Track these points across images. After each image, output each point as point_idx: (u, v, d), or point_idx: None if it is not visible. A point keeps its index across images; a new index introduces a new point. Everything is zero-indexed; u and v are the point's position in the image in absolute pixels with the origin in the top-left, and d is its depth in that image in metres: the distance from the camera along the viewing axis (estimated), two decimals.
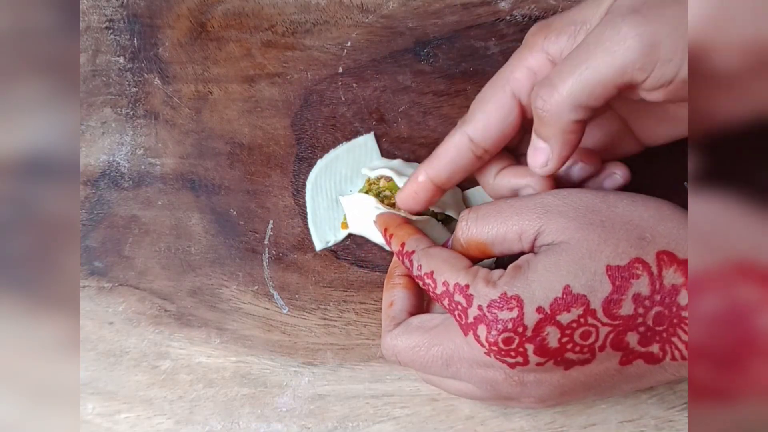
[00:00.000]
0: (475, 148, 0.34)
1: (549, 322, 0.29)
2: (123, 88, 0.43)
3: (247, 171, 0.42)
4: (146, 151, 0.42)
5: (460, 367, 0.32)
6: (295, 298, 0.40)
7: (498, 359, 0.30)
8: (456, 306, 0.31)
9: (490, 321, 0.30)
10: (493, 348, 0.30)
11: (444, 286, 0.32)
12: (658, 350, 0.30)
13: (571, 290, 0.29)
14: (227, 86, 0.43)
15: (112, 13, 0.43)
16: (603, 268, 0.29)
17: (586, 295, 0.29)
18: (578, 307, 0.29)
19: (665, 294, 0.29)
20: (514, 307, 0.29)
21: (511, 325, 0.29)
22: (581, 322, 0.29)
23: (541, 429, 0.38)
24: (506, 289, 0.30)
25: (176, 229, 0.41)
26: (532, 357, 0.30)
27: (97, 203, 0.42)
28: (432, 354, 0.32)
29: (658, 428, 0.38)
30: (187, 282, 0.41)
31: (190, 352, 0.40)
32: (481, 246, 0.32)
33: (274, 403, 0.39)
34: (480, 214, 0.32)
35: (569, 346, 0.29)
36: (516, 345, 0.29)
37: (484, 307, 0.30)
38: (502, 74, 0.34)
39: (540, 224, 0.30)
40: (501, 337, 0.29)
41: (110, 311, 0.41)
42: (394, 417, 0.39)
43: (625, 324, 0.29)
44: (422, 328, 0.33)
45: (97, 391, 0.39)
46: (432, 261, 0.33)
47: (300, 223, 0.41)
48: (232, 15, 0.43)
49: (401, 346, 0.33)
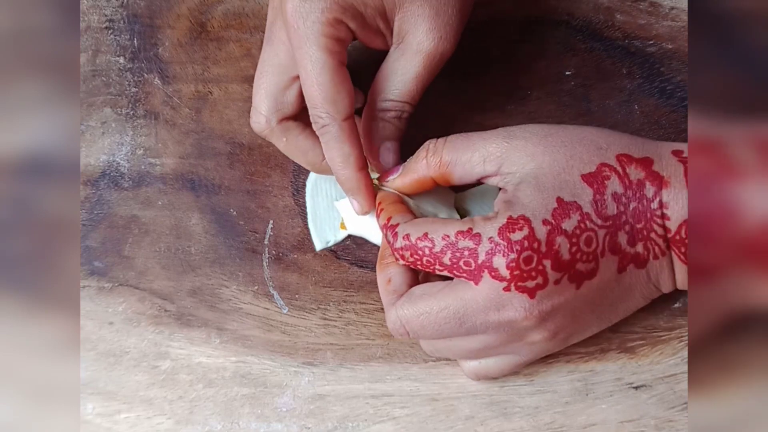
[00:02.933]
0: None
1: (557, 231, 0.31)
2: (123, 88, 0.43)
3: (247, 171, 0.42)
4: (146, 151, 0.42)
5: (475, 319, 0.32)
6: (295, 298, 0.40)
7: (519, 288, 0.31)
8: (461, 254, 0.32)
9: (505, 247, 0.31)
10: (515, 273, 0.31)
11: (444, 239, 0.32)
12: (642, 249, 0.32)
13: (563, 200, 0.31)
14: (227, 86, 0.43)
15: (112, 13, 0.43)
16: (578, 178, 0.32)
17: (576, 201, 0.31)
18: (575, 212, 0.31)
19: (635, 188, 0.32)
20: (523, 225, 0.31)
21: (527, 243, 0.31)
22: (582, 227, 0.31)
23: (541, 429, 0.38)
24: (510, 213, 0.31)
25: (176, 229, 0.41)
26: (551, 273, 0.31)
27: (97, 203, 0.42)
28: (443, 316, 0.33)
29: (658, 428, 0.38)
30: (187, 282, 0.41)
31: (190, 352, 0.40)
32: (444, 167, 0.34)
33: (274, 403, 0.39)
34: (448, 140, 0.34)
35: (578, 255, 0.31)
36: (535, 263, 0.31)
37: (495, 237, 0.31)
38: None
39: (506, 148, 0.33)
40: (522, 257, 0.31)
41: (110, 311, 0.41)
42: (394, 417, 0.39)
43: (614, 223, 0.32)
44: (426, 294, 0.33)
45: (97, 391, 0.39)
46: (420, 225, 0.33)
47: (300, 223, 0.41)
48: (232, 15, 0.43)
49: (409, 315, 0.33)
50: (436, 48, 0.35)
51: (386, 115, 0.37)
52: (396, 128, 0.37)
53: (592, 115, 0.42)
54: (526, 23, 0.43)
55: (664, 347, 0.39)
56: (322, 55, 0.33)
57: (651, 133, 0.41)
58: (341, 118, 0.34)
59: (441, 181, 0.35)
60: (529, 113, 0.42)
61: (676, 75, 0.42)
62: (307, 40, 0.33)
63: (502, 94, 0.42)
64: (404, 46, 0.36)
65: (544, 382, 0.39)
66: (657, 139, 0.34)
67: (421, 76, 0.36)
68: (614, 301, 0.34)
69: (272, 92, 0.37)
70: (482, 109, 0.42)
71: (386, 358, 0.40)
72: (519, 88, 0.42)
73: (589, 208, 0.31)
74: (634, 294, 0.34)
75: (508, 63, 0.42)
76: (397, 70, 0.36)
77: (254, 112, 0.37)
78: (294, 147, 0.38)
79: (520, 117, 0.42)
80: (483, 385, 0.39)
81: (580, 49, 0.43)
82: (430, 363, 0.39)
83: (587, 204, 0.31)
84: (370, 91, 0.37)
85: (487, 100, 0.42)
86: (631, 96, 0.42)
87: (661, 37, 0.42)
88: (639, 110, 0.42)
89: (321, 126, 0.35)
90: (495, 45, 0.42)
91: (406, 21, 0.35)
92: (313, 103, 0.34)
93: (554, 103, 0.42)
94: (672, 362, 0.39)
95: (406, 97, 0.36)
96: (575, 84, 0.42)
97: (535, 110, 0.42)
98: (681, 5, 0.43)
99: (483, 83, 0.41)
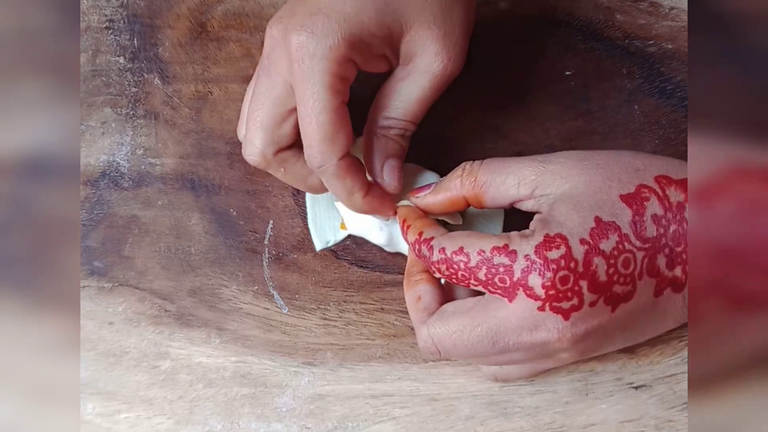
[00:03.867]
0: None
1: (594, 252, 0.30)
2: (123, 88, 0.43)
3: (247, 171, 0.42)
4: (146, 151, 0.42)
5: (508, 339, 0.32)
6: (295, 298, 0.40)
7: (553, 309, 0.30)
8: (496, 270, 0.31)
9: (541, 265, 0.30)
10: (551, 293, 0.30)
11: (480, 254, 0.31)
12: (681, 273, 0.31)
13: (601, 219, 0.31)
14: (227, 86, 0.43)
15: (112, 13, 0.43)
16: (617, 197, 0.31)
17: (615, 221, 0.31)
18: (613, 232, 0.30)
19: (675, 211, 0.31)
20: (560, 244, 0.30)
21: (564, 262, 0.30)
22: (620, 248, 0.30)
23: (541, 429, 0.38)
24: (547, 231, 0.31)
25: (176, 229, 0.41)
26: (587, 295, 0.30)
27: (97, 203, 0.42)
28: (476, 335, 0.32)
29: (658, 428, 0.38)
30: (187, 282, 0.41)
31: (190, 352, 0.40)
32: (477, 188, 0.34)
33: (274, 403, 0.39)
34: (484, 162, 0.34)
35: (615, 277, 0.30)
36: (571, 283, 0.30)
37: (531, 254, 0.30)
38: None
39: (540, 172, 0.32)
40: (558, 276, 0.30)
41: (110, 311, 0.41)
42: (394, 417, 0.39)
43: (653, 245, 0.31)
44: (458, 312, 0.33)
45: (97, 391, 0.39)
46: (456, 239, 0.33)
47: (300, 223, 0.41)
48: (232, 15, 0.43)
49: (441, 334, 0.33)
50: (445, 70, 0.35)
51: (389, 132, 0.36)
52: (399, 146, 0.36)
53: (592, 115, 0.42)
54: (526, 23, 0.43)
55: (664, 347, 0.39)
56: (325, 95, 0.32)
57: (651, 133, 0.41)
58: (337, 157, 0.33)
59: (473, 202, 0.34)
60: (529, 113, 0.42)
61: (676, 75, 0.42)
62: (312, 77, 0.32)
63: (502, 94, 0.42)
64: (411, 67, 0.35)
65: (544, 382, 0.39)
66: (657, 139, 0.34)
67: (427, 98, 0.35)
68: (646, 324, 0.33)
69: (268, 126, 0.35)
70: (482, 109, 0.42)
71: (386, 358, 0.40)
72: (519, 88, 0.42)
73: (628, 229, 0.31)
74: (666, 318, 0.33)
75: (508, 63, 0.42)
76: (402, 90, 0.35)
77: (248, 145, 0.36)
78: (292, 175, 0.37)
79: (520, 117, 0.42)
80: (483, 385, 0.39)
81: (580, 49, 0.43)
82: (430, 363, 0.39)
83: (626, 225, 0.31)
84: (372, 108, 0.36)
85: (487, 100, 0.42)
86: (631, 96, 0.42)
87: (661, 37, 0.42)
88: (639, 110, 0.42)
89: (317, 166, 0.34)
90: (495, 45, 0.42)
91: (414, 44, 0.35)
92: (308, 141, 0.33)
93: (554, 103, 0.42)
94: (672, 362, 0.39)
95: (410, 117, 0.36)
96: (575, 84, 0.42)
97: (535, 110, 0.42)
98: (681, 5, 0.43)
99: (483, 83, 0.41)
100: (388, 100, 0.36)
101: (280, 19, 0.34)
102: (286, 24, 0.33)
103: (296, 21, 0.33)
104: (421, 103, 0.36)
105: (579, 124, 0.42)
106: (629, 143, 0.41)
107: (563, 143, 0.41)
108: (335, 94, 0.33)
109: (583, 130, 0.42)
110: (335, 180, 0.34)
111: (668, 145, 0.41)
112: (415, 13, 0.34)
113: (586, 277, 0.30)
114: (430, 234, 0.34)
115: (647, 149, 0.41)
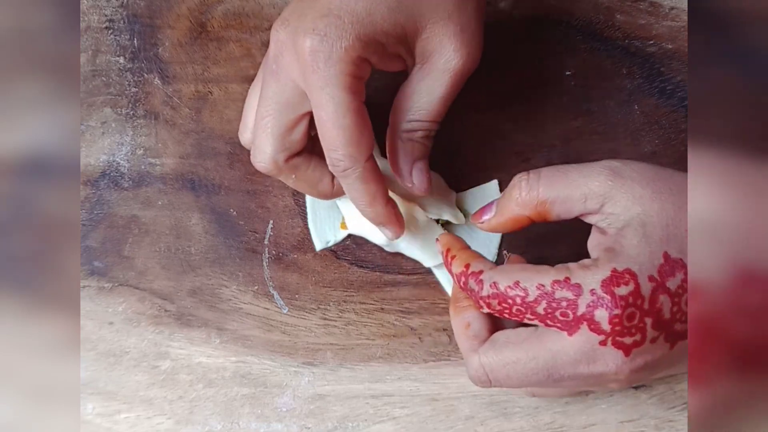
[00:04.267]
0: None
1: (661, 290, 0.29)
2: (123, 88, 0.43)
3: (247, 171, 0.42)
4: (146, 151, 0.42)
5: (564, 372, 0.31)
6: (295, 298, 0.40)
7: (615, 344, 0.29)
8: (558, 305, 0.30)
9: (609, 301, 0.29)
10: (617, 328, 0.29)
11: (539, 288, 0.30)
12: None
13: (669, 256, 0.30)
14: (227, 86, 0.43)
15: (112, 13, 0.43)
16: (685, 233, 0.30)
17: (682, 259, 0.30)
18: (680, 270, 0.29)
19: None
20: (629, 280, 0.29)
21: (632, 299, 0.29)
22: (685, 287, 0.29)
23: (541, 429, 0.38)
24: (614, 266, 0.30)
25: (176, 229, 0.41)
26: (650, 332, 0.29)
27: (97, 203, 0.42)
28: (531, 367, 0.31)
29: (658, 428, 0.38)
30: (187, 282, 0.41)
31: (190, 352, 0.40)
32: (541, 206, 0.32)
33: (274, 403, 0.39)
34: (543, 174, 0.32)
35: (678, 315, 0.30)
36: (637, 320, 0.29)
37: (597, 289, 0.29)
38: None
39: (610, 188, 0.31)
40: (626, 313, 0.29)
41: (110, 311, 0.40)
42: (394, 417, 0.39)
43: None
44: (512, 343, 0.32)
45: (97, 391, 0.39)
46: (510, 273, 0.31)
47: (300, 223, 0.41)
48: (232, 15, 0.43)
49: (494, 364, 0.32)
50: (464, 65, 0.34)
51: (414, 135, 0.36)
52: (425, 147, 0.36)
53: (592, 115, 0.42)
54: (526, 23, 0.43)
55: None
56: (345, 97, 0.32)
57: (651, 133, 0.41)
58: (364, 159, 0.33)
59: (538, 219, 0.33)
60: (529, 113, 0.42)
61: (676, 75, 0.42)
62: (329, 81, 0.32)
63: (502, 94, 0.42)
64: (429, 66, 0.35)
65: None
66: (657, 139, 0.34)
67: (449, 95, 0.35)
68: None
69: (278, 133, 0.35)
70: (482, 109, 0.42)
71: (386, 358, 0.40)
72: (519, 88, 0.42)
73: None
74: None
75: (508, 63, 0.42)
76: (422, 90, 0.35)
77: (258, 152, 0.35)
78: (303, 181, 0.37)
79: (520, 117, 0.42)
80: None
81: (580, 49, 0.43)
82: (430, 363, 0.39)
83: None
84: (393, 112, 0.36)
85: (486, 100, 0.42)
86: (631, 96, 0.42)
87: (661, 37, 0.42)
88: (639, 110, 0.42)
89: (342, 170, 0.33)
90: (495, 45, 0.42)
91: (431, 42, 0.34)
92: (333, 146, 0.33)
93: (554, 103, 0.42)
94: None
95: (433, 117, 0.35)
96: (575, 84, 0.42)
97: (535, 110, 0.42)
98: (681, 5, 0.43)
99: (483, 83, 0.41)
100: (409, 102, 0.35)
101: (287, 21, 0.33)
102: (295, 27, 0.32)
103: (306, 24, 0.32)
104: (444, 101, 0.35)
105: (579, 124, 0.42)
106: (629, 143, 0.41)
107: (563, 143, 0.41)
108: (354, 95, 0.32)
109: (583, 130, 0.42)
110: (359, 184, 0.34)
111: (668, 145, 0.41)
112: (429, 11, 0.33)
113: (651, 314, 0.29)
114: (478, 267, 0.33)
115: (647, 149, 0.41)
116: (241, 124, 0.38)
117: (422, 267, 0.40)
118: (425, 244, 0.39)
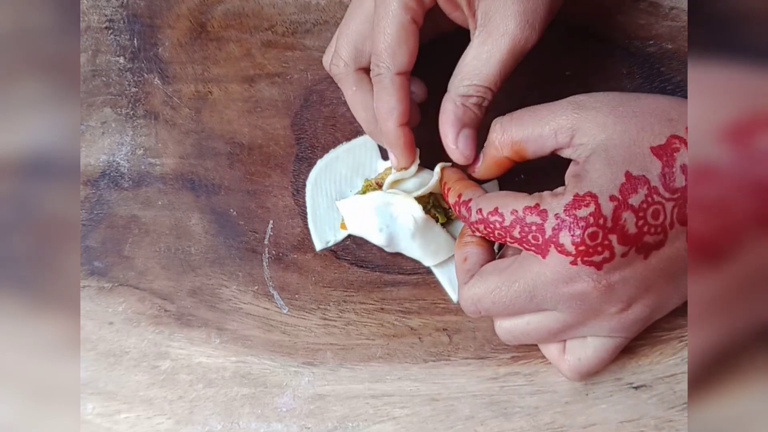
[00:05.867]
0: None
1: (623, 207, 0.31)
2: (123, 88, 0.43)
3: (247, 171, 0.42)
4: (146, 151, 0.42)
5: (545, 293, 0.33)
6: (295, 298, 0.40)
7: (585, 262, 0.31)
8: (529, 229, 0.32)
9: (570, 223, 0.31)
10: (581, 248, 0.31)
11: (513, 214, 0.33)
12: None
13: (631, 174, 0.31)
14: (227, 86, 0.43)
15: (112, 13, 0.43)
16: (648, 150, 0.32)
17: (645, 175, 0.31)
18: (642, 186, 0.31)
19: None
20: (589, 202, 0.31)
21: (592, 219, 0.31)
22: (649, 201, 0.31)
23: (541, 429, 0.38)
24: (576, 191, 0.32)
25: (176, 229, 0.41)
26: (617, 247, 0.31)
27: (97, 203, 0.42)
28: (513, 291, 0.33)
29: (658, 428, 0.38)
30: (187, 282, 0.41)
31: (190, 352, 0.40)
32: (516, 146, 0.34)
33: (274, 403, 0.39)
34: (515, 116, 0.35)
35: (645, 228, 0.31)
36: (601, 238, 0.31)
37: (560, 213, 0.32)
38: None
39: (576, 119, 0.33)
40: (587, 233, 0.31)
41: (110, 311, 0.41)
42: (394, 417, 0.39)
43: (683, 195, 0.32)
44: (496, 271, 0.34)
45: (97, 391, 0.39)
46: (492, 200, 0.34)
47: (300, 223, 0.41)
48: (232, 15, 0.43)
49: (480, 293, 0.34)
50: (522, 32, 0.35)
51: (468, 101, 0.36)
52: (476, 116, 0.36)
53: None
54: None
55: (664, 347, 0.39)
56: (399, 12, 0.35)
57: None
58: (395, 71, 0.35)
59: (516, 158, 0.35)
60: None
61: (676, 75, 0.42)
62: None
63: (501, 94, 0.42)
64: (489, 29, 0.35)
65: (544, 382, 0.39)
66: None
67: (506, 62, 0.35)
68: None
69: (355, 39, 0.38)
70: None
71: (386, 358, 0.40)
72: (519, 88, 0.42)
73: (657, 182, 0.31)
74: None
75: None
76: (481, 55, 0.35)
77: (334, 55, 0.38)
78: (359, 99, 0.39)
79: None
80: (483, 385, 0.39)
81: (580, 49, 0.42)
82: (430, 363, 0.39)
83: (655, 177, 0.31)
84: (452, 78, 0.36)
85: None
86: None
87: (661, 37, 0.42)
88: None
89: (376, 74, 0.36)
90: None
91: (493, 4, 0.35)
92: (376, 50, 0.36)
93: None
94: (672, 362, 0.39)
95: (488, 82, 0.36)
96: (575, 84, 0.42)
97: None
98: (681, 5, 0.43)
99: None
100: (466, 67, 0.36)
101: None
102: None
103: None
104: (500, 66, 0.35)
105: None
106: None
107: None
108: (406, 10, 0.35)
109: None
110: (383, 92, 0.36)
111: None
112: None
113: (615, 231, 0.31)
114: (468, 195, 0.35)
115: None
116: (329, 47, 0.40)
117: (422, 267, 0.40)
118: (425, 244, 0.39)
